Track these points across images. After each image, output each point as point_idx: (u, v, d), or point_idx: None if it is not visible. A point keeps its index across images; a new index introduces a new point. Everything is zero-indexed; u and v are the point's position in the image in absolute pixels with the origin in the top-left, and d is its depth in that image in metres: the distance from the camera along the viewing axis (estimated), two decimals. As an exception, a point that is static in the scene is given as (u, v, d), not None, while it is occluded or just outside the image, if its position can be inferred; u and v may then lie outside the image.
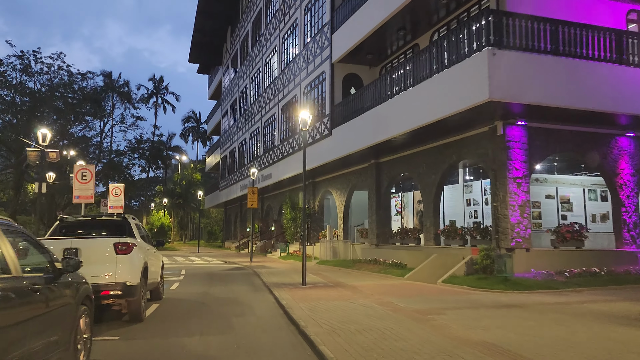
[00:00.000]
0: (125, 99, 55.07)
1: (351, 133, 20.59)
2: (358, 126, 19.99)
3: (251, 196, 25.82)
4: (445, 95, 14.18)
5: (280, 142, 29.70)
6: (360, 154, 21.02)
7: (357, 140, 20.04)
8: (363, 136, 19.52)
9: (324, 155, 22.94)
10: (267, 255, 32.11)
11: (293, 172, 27.06)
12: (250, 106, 37.36)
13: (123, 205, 24.73)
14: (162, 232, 48.22)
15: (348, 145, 20.81)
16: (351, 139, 20.57)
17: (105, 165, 46.54)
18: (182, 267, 22.62)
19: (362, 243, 23.78)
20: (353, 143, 20.40)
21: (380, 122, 18.20)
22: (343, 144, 21.24)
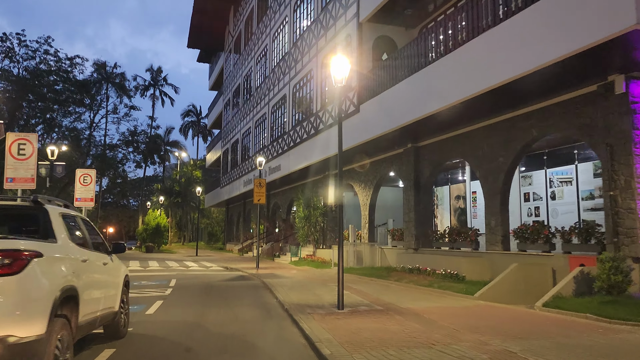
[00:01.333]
0: (120, 90, 50.93)
1: (383, 109, 16.27)
2: (392, 100, 15.68)
3: (258, 190, 21.50)
4: (530, 42, 9.85)
5: (292, 127, 25.38)
6: (393, 135, 16.75)
7: (390, 117, 15.73)
8: (399, 112, 15.21)
9: (348, 138, 18.59)
10: (274, 260, 27.77)
11: (308, 161, 22.74)
12: (256, 90, 33.05)
13: (94, 197, 20.58)
14: (158, 233, 43.96)
15: (379, 125, 16.50)
16: (382, 117, 16.26)
17: (93, 157, 42.23)
18: (173, 276, 18.32)
19: (394, 247, 19.43)
20: (385, 121, 16.08)
21: (423, 93, 13.90)
22: (372, 124, 16.92)
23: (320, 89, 21.67)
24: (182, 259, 31.12)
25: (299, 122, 24.24)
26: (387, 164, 19.99)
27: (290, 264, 24.27)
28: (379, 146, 18.71)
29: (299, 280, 16.16)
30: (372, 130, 16.99)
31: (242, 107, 37.15)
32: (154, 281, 16.46)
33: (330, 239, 24.84)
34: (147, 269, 21.82)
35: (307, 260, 23.68)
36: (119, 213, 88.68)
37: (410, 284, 14.05)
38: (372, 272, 17.37)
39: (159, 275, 18.67)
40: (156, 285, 15.32)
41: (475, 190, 21.08)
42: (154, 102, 61.10)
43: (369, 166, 21.54)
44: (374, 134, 16.89)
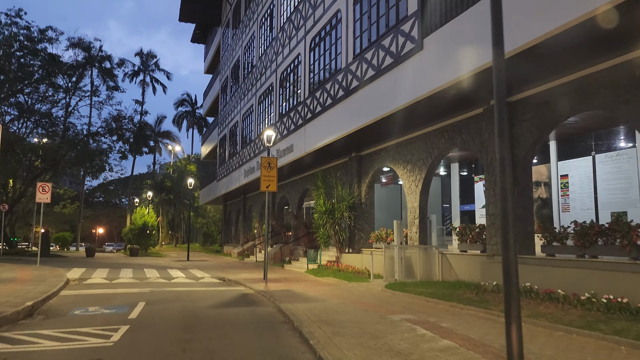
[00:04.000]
0: (107, 75, 44.76)
1: (465, 40, 10.33)
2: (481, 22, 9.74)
3: (267, 173, 15.53)
4: None
5: (308, 94, 19.41)
6: (473, 83, 10.84)
7: (477, 51, 9.81)
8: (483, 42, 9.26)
9: (402, 92, 12.64)
10: (285, 267, 21.78)
11: (334, 134, 16.81)
12: (259, 60, 27.07)
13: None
14: (145, 234, 37.91)
15: (457, 65, 10.56)
16: (462, 52, 10.34)
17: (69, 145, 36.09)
18: (142, 297, 12.33)
19: (464, 252, 13.48)
20: (470, 58, 10.16)
21: None
22: (446, 63, 10.97)
23: (352, 32, 15.69)
24: (168, 265, 25.09)
25: (320, 84, 18.24)
26: (450, 133, 14.04)
27: (308, 273, 18.29)
28: (440, 107, 12.81)
29: (336, 306, 10.19)
30: (442, 75, 11.01)
31: (242, 83, 31.16)
32: (108, 307, 10.47)
33: (360, 240, 18.90)
34: (114, 281, 15.84)
35: (331, 269, 17.68)
36: (110, 212, 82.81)
37: (542, 320, 8.06)
38: (444, 292, 11.40)
39: (122, 295, 12.67)
40: (105, 317, 9.36)
41: (565, 173, 15.23)
42: (143, 89, 55.09)
43: (417, 141, 15.62)
44: (446, 81, 10.91)
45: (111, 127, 40.87)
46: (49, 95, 38.85)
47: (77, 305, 10.91)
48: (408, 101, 12.40)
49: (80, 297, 12.22)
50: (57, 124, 39.69)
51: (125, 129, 41.13)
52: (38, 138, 39.33)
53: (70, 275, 17.31)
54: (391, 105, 13.14)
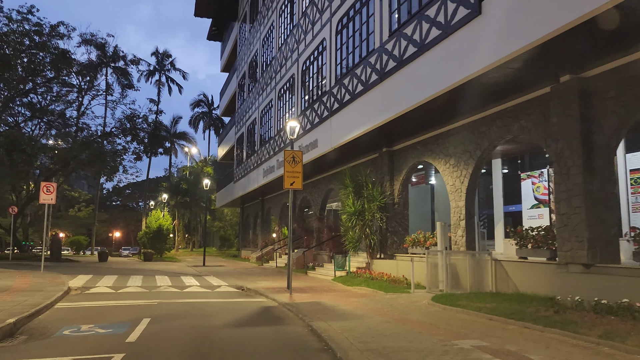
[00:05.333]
0: (122, 76, 43.57)
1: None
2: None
3: (290, 168, 13.65)
4: None
5: (335, 82, 17.52)
6: (545, 53, 8.86)
7: (548, 13, 7.89)
8: None
9: (449, 70, 10.67)
10: (308, 274, 19.88)
11: (365, 125, 14.87)
12: (280, 50, 25.29)
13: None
14: (160, 238, 36.34)
15: (527, 31, 8.58)
16: (533, 13, 8.39)
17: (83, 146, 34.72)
18: (148, 311, 10.52)
19: (523, 259, 11.42)
20: (544, 21, 8.21)
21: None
22: (512, 29, 8.97)
23: (388, 6, 13.76)
24: (182, 271, 23.37)
25: (349, 70, 16.33)
26: (505, 120, 12.02)
27: (336, 281, 16.35)
28: (495, 88, 10.82)
29: (381, 326, 8.26)
30: (505, 45, 9.01)
31: (261, 77, 29.42)
32: (104, 326, 8.67)
33: (392, 244, 16.92)
34: (120, 291, 14.10)
35: (362, 277, 15.72)
36: (126, 216, 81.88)
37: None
38: (508, 308, 9.37)
39: (125, 308, 10.89)
40: (98, 339, 7.57)
41: (637, 167, 13.14)
42: (159, 89, 53.74)
43: (462, 131, 13.62)
44: (510, 51, 8.91)
45: (125, 127, 39.54)
46: (62, 95, 37.70)
47: (69, 322, 9.16)
48: (458, 80, 10.43)
49: (76, 311, 10.48)
50: (70, 124, 38.51)
51: (140, 128, 39.75)
52: (52, 139, 38.16)
53: (73, 283, 15.65)
54: (436, 87, 11.18)
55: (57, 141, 37.11)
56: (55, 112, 37.70)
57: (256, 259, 29.55)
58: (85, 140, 36.31)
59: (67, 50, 33.27)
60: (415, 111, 12.53)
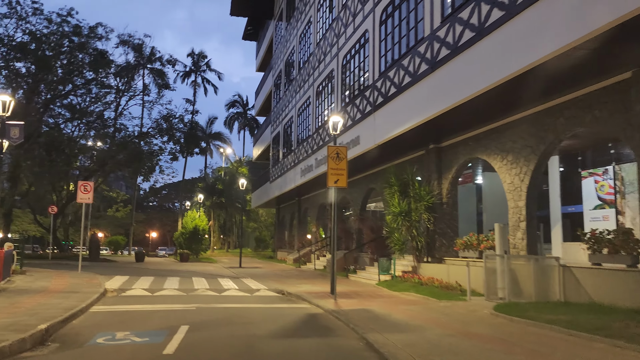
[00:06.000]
0: (159, 77, 43.62)
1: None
2: None
3: (335, 165, 12.81)
4: None
5: (379, 75, 16.58)
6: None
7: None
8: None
9: (514, 55, 9.60)
10: (350, 277, 18.98)
11: (413, 119, 13.88)
12: (318, 45, 24.51)
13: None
14: (196, 238, 36.08)
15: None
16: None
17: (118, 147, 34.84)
18: (186, 317, 9.83)
19: (596, 266, 10.22)
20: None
21: None
22: (591, 6, 7.87)
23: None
24: (219, 272, 22.83)
25: (394, 62, 15.37)
26: (574, 110, 10.84)
27: (380, 286, 15.40)
28: (565, 74, 9.69)
29: (444, 341, 7.30)
30: (590, 19, 7.92)
31: (298, 75, 28.72)
32: (140, 333, 8.00)
33: (441, 247, 15.84)
34: (156, 294, 13.54)
35: (410, 282, 14.72)
36: (163, 217, 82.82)
37: None
38: (587, 321, 8.25)
39: (162, 313, 10.25)
40: (134, 350, 6.93)
41: None
42: (195, 89, 53.88)
43: (523, 124, 12.47)
44: (598, 26, 7.80)
45: (162, 127, 39.55)
46: (101, 96, 37.99)
47: (103, 328, 8.55)
48: (523, 66, 9.37)
49: (112, 316, 9.90)
50: (109, 125, 38.80)
51: (176, 129, 39.71)
52: (90, 140, 38.48)
53: (109, 284, 15.22)
54: (496, 74, 10.13)
55: (96, 142, 37.42)
56: (94, 113, 38.07)
57: (293, 260, 28.83)
58: (123, 140, 36.48)
59: (105, 51, 33.44)
60: (472, 102, 11.50)
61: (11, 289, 12.98)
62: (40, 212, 42.88)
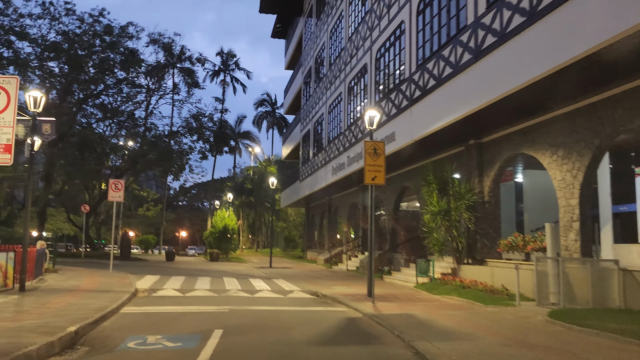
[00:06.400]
0: (188, 76, 43.75)
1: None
2: None
3: (372, 161, 12.20)
4: None
5: (417, 67, 15.86)
6: None
7: None
8: None
9: (573, 38, 8.80)
10: (385, 279, 18.31)
11: (455, 113, 13.14)
12: (350, 39, 23.89)
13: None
14: (226, 238, 35.92)
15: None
16: None
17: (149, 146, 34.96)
18: (219, 320, 9.37)
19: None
20: None
21: None
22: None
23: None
24: (249, 272, 22.46)
25: (433, 53, 14.64)
26: (635, 100, 9.94)
27: (419, 288, 14.69)
28: (623, 60, 8.83)
29: (503, 352, 6.63)
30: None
31: (328, 71, 28.16)
32: (172, 337, 7.55)
33: (482, 248, 15.03)
34: (187, 294, 13.16)
35: (451, 285, 13.97)
36: (192, 216, 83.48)
37: None
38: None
39: (194, 316, 9.82)
40: (167, 355, 6.49)
41: None
42: (224, 88, 53.92)
43: (579, 116, 11.60)
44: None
45: (191, 126, 39.61)
46: (131, 96, 38.25)
47: (134, 330, 8.15)
48: (583, 51, 8.57)
49: (143, 318, 9.51)
50: (139, 124, 39.04)
51: (206, 127, 39.71)
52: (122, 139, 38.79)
53: (140, 284, 14.95)
54: (551, 61, 9.34)
55: (127, 141, 37.69)
56: (125, 113, 38.36)
57: (324, 261, 28.28)
58: (153, 139, 36.62)
59: (136, 50, 33.56)
60: (520, 93, 10.72)
61: (42, 288, 12.81)
62: (73, 211, 43.51)
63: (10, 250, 12.56)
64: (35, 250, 14.31)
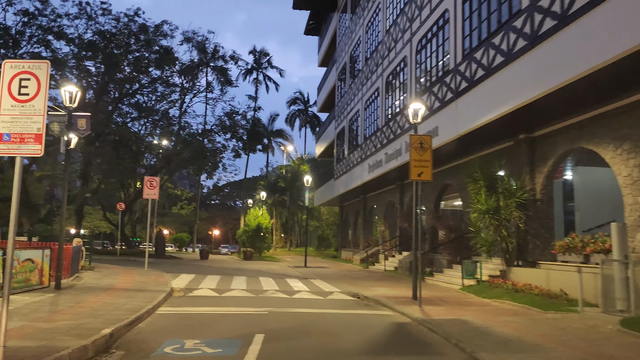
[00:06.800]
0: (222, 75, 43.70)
1: None
2: None
3: (418, 156, 11.47)
4: None
5: (463, 57, 15.01)
6: None
7: None
8: None
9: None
10: (427, 280, 17.47)
11: (507, 104, 12.27)
12: (387, 32, 23.13)
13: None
14: (259, 236, 35.60)
15: None
16: None
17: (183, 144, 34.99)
18: (260, 324, 8.82)
19: None
20: None
21: None
22: None
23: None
24: (285, 272, 21.97)
25: (481, 42, 13.77)
26: None
27: (465, 291, 13.87)
28: None
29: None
30: None
31: (365, 66, 27.42)
32: (212, 342, 7.03)
33: (534, 249, 14.07)
34: (224, 295, 12.69)
35: (501, 288, 13.09)
36: (225, 215, 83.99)
37: None
38: None
39: (233, 318, 9.30)
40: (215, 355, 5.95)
41: None
42: (256, 87, 53.73)
43: None
44: None
45: (225, 125, 39.51)
46: (166, 95, 38.44)
47: (171, 333, 7.69)
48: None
49: (180, 319, 9.06)
50: (173, 123, 39.18)
51: (239, 125, 39.55)
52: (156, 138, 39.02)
53: (176, 283, 14.60)
54: (628, 41, 8.41)
55: (161, 140, 37.89)
56: (159, 112, 38.57)
57: (360, 260, 27.57)
58: (188, 137, 36.68)
59: (170, 48, 33.58)
60: (586, 80, 9.79)
61: (78, 286, 12.57)
62: (109, 209, 44.10)
63: (46, 248, 12.36)
64: (72, 247, 14.13)
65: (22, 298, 10.18)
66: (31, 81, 5.69)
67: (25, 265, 11.11)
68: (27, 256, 11.27)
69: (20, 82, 5.69)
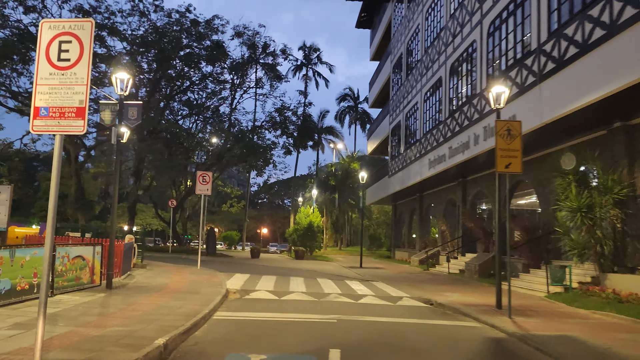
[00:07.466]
0: (271, 71, 43.05)
1: None
2: None
3: (505, 145, 9.97)
4: None
5: (549, 35, 13.31)
6: None
7: None
8: None
9: None
10: (501, 286, 15.77)
11: (606, 87, 10.57)
12: (452, 17, 21.52)
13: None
14: (311, 235, 34.55)
15: None
16: None
17: (234, 141, 34.44)
18: (330, 328, 7.62)
19: None
20: None
21: None
22: None
23: None
24: (341, 273, 20.76)
25: (574, 16, 12.06)
26: None
27: (553, 299, 12.22)
28: None
29: None
30: None
31: (424, 55, 25.84)
32: (280, 358, 5.90)
33: (634, 253, 12.24)
34: (283, 298, 11.62)
35: (597, 297, 11.38)
36: (273, 213, 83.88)
37: None
38: None
39: (298, 326, 8.16)
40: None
41: None
42: (306, 83, 52.80)
43: None
44: None
45: (275, 121, 38.78)
46: (216, 92, 38.08)
47: (231, 345, 6.65)
48: None
49: (239, 327, 8.02)
50: (224, 120, 38.80)
51: (290, 121, 38.73)
52: (207, 135, 38.75)
53: (231, 284, 13.67)
54: None
55: (212, 137, 37.55)
56: (210, 109, 38.27)
57: (419, 262, 26.01)
58: (239, 135, 36.19)
59: (221, 41, 33.13)
60: None
61: (130, 286, 11.83)
62: (161, 207, 44.30)
63: (97, 244, 11.68)
64: (123, 244, 13.46)
65: (72, 298, 9.47)
66: (72, 44, 4.72)
67: (75, 262, 10.41)
68: (78, 253, 10.57)
69: (60, 46, 4.73)
